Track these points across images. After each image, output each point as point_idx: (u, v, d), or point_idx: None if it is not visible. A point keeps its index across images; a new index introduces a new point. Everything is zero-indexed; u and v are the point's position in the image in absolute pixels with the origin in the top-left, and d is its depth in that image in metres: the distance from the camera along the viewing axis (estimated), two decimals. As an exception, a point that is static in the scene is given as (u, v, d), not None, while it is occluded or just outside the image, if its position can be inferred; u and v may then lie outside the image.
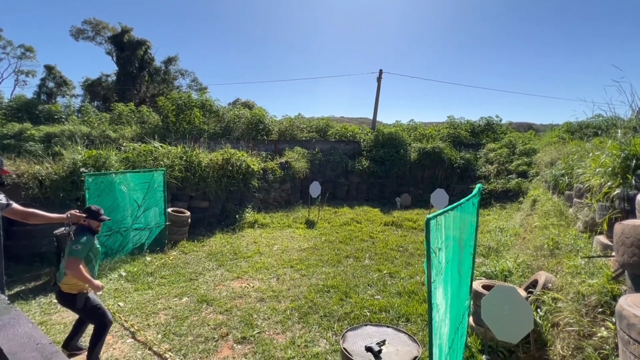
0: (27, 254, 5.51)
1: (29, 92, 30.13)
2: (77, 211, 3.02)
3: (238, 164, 8.80)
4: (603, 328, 2.48)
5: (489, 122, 16.79)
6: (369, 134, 15.45)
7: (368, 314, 4.13)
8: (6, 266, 5.00)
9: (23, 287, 4.71)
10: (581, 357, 2.48)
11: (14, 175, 5.67)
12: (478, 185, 3.16)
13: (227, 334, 3.67)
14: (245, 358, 3.29)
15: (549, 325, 3.08)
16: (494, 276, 4.52)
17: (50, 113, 16.46)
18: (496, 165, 12.48)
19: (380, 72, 18.81)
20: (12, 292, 4.51)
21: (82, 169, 6.17)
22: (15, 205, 2.72)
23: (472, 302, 3.45)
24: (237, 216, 8.38)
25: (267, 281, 5.12)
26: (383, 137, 14.41)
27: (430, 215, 1.80)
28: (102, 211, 3.09)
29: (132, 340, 3.54)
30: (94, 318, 2.98)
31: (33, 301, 4.31)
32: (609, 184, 3.65)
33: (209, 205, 8.27)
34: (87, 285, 2.85)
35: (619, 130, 4.45)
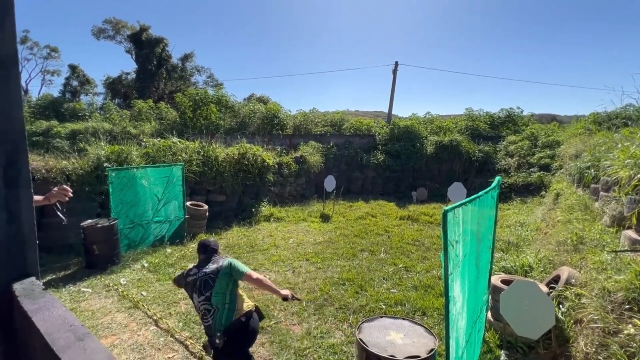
0: (57, 245, 5.81)
1: (54, 91, 31.46)
2: (62, 186, 2.36)
3: (254, 158, 8.91)
4: (630, 325, 2.39)
5: (510, 113, 16.25)
6: (385, 127, 15.27)
7: (383, 307, 4.14)
8: (39, 256, 5.30)
9: (54, 276, 4.99)
10: (606, 355, 2.40)
11: (44, 171, 5.95)
12: (497, 178, 3.08)
13: (245, 324, 3.76)
14: (263, 347, 3.37)
15: (572, 321, 2.99)
16: (514, 271, 4.42)
17: (75, 111, 17.16)
18: (517, 158, 12.09)
19: (396, 64, 18.48)
20: (44, 281, 4.78)
21: (105, 164, 6.41)
22: None
23: (490, 297, 3.39)
24: (253, 210, 8.51)
25: (283, 273, 5.20)
26: (399, 130, 14.21)
27: (448, 207, 1.78)
28: None
29: (155, 327, 3.69)
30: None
31: (63, 289, 4.55)
32: (638, 176, 3.48)
33: (226, 199, 8.44)
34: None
35: (651, 120, 4.21)
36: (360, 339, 2.33)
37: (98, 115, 16.88)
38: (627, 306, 2.53)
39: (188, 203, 7.10)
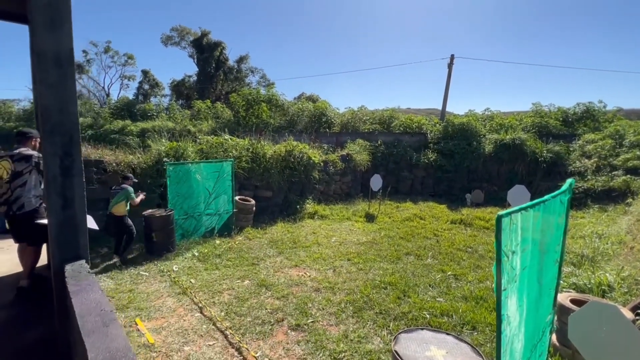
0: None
1: (130, 94, 35.21)
2: None
3: (300, 155, 9.00)
4: None
5: (588, 108, 14.27)
6: (437, 124, 14.46)
7: (428, 316, 3.85)
8: (107, 240, 5.94)
9: (119, 259, 5.54)
10: None
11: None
12: (569, 181, 2.63)
13: (283, 320, 3.78)
14: (298, 345, 3.34)
15: (666, 358, 2.45)
16: (588, 290, 3.81)
17: (145, 111, 19.08)
18: (595, 159, 10.55)
19: (452, 57, 17.38)
20: (111, 262, 5.34)
21: (165, 159, 6.96)
22: None
23: (555, 318, 2.94)
24: (297, 206, 8.61)
25: (324, 272, 5.14)
26: (453, 128, 13.33)
27: (503, 212, 1.53)
28: None
29: (200, 314, 3.88)
30: (128, 231, 5.57)
31: (125, 271, 5.03)
32: None
33: (272, 195, 8.66)
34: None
35: None
36: (395, 351, 2.16)
37: (164, 115, 18.56)
38: None
39: (237, 197, 7.41)
